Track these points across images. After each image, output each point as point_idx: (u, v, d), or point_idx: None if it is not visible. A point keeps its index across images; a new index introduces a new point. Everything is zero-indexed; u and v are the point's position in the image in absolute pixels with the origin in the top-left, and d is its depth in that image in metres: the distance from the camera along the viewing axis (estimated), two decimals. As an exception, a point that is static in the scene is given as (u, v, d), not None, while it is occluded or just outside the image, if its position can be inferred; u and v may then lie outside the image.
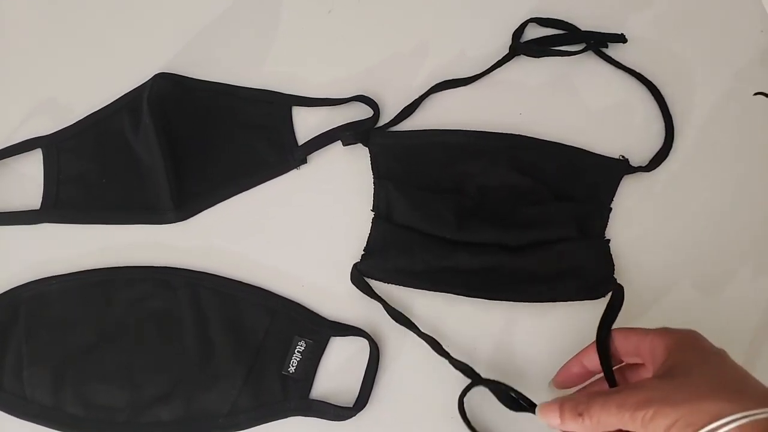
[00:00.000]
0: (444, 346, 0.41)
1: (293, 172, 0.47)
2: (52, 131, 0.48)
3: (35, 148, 0.48)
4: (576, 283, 0.42)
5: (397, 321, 0.42)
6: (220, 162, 0.47)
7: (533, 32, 0.50)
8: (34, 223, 0.46)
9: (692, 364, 0.31)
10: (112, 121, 0.48)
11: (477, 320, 0.43)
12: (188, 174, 0.46)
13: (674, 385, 0.31)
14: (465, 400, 0.40)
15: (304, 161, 0.47)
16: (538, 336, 0.43)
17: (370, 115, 0.48)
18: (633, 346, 0.36)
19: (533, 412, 0.36)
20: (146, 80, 0.49)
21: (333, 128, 0.47)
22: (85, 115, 0.48)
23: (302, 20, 0.51)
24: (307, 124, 0.48)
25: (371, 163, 0.46)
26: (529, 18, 0.50)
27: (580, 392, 0.37)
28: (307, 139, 0.47)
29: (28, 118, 0.49)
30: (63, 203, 0.46)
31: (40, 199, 0.46)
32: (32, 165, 0.47)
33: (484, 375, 0.40)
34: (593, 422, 0.32)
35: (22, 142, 0.48)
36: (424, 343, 0.41)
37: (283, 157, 0.47)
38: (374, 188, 0.45)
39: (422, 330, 0.41)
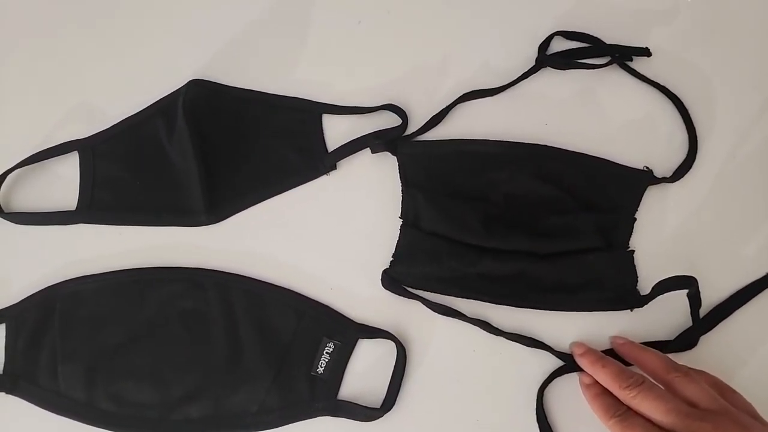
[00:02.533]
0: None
1: (323, 178, 0.48)
2: (87, 135, 0.50)
3: (71, 151, 0.49)
4: (600, 294, 0.43)
5: (439, 312, 0.43)
6: (251, 167, 0.48)
7: (558, 45, 0.51)
8: (70, 224, 0.47)
9: None
10: (146, 125, 0.50)
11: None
12: (220, 178, 0.47)
13: None
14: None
15: (333, 167, 0.48)
16: (561, 346, 0.43)
17: (398, 124, 0.49)
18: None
19: None
20: (179, 86, 0.50)
21: (362, 136, 0.48)
22: (120, 120, 0.50)
23: (332, 30, 0.53)
24: (336, 131, 0.49)
25: (399, 171, 0.47)
26: (554, 31, 0.51)
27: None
28: (336, 146, 0.49)
29: (64, 121, 0.50)
30: (98, 205, 0.48)
31: (76, 201, 0.48)
32: (69, 167, 0.49)
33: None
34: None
35: (59, 145, 0.49)
36: (450, 346, 0.42)
37: (313, 164, 0.48)
38: (402, 196, 0.46)
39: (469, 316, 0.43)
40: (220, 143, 0.48)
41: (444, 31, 0.52)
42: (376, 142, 0.47)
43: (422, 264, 0.44)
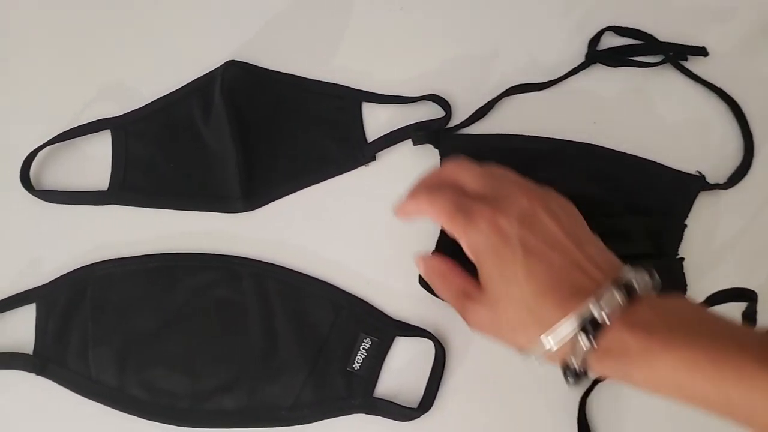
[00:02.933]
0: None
1: (361, 169, 0.47)
2: (119, 113, 0.48)
3: (104, 129, 0.48)
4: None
5: None
6: (289, 154, 0.47)
7: (609, 41, 0.50)
8: (102, 204, 0.46)
9: (496, 284, 0.30)
10: (181, 106, 0.48)
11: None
12: (258, 164, 0.46)
13: (492, 316, 0.31)
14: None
15: (373, 158, 0.47)
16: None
17: (441, 116, 0.47)
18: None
19: None
20: (215, 67, 0.49)
21: (404, 126, 0.47)
22: (153, 99, 0.49)
23: (373, 15, 0.51)
24: (376, 121, 0.48)
25: (441, 165, 0.46)
26: (606, 26, 0.49)
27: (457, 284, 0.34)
28: (375, 136, 0.47)
29: (97, 99, 0.49)
30: (130, 186, 0.46)
31: (108, 181, 0.47)
32: (101, 146, 0.47)
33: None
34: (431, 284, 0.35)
35: (92, 122, 0.48)
36: (490, 347, 0.41)
37: (352, 153, 0.47)
38: (444, 190, 0.45)
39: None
40: (258, 127, 0.47)
41: (491, 21, 0.51)
42: (418, 133, 0.46)
43: (462, 261, 0.43)
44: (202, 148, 0.47)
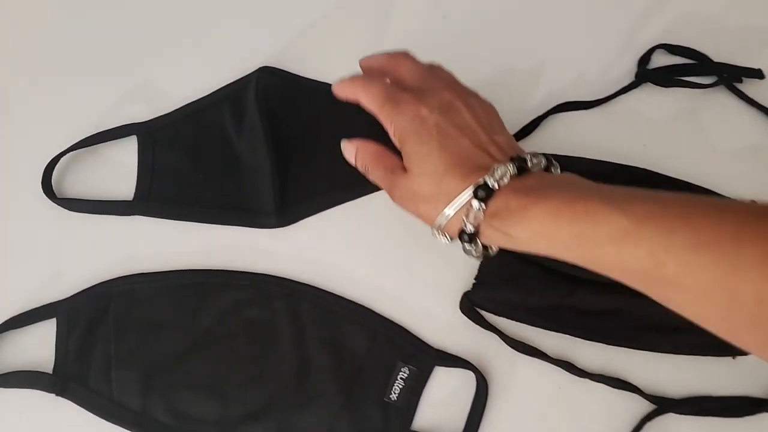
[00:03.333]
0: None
1: (400, 186, 0.45)
2: (145, 118, 0.46)
3: (130, 135, 0.45)
4: (701, 338, 0.39)
5: (518, 350, 0.40)
6: (325, 168, 0.44)
7: (660, 60, 0.48)
8: (126, 215, 0.44)
9: (414, 161, 0.34)
10: (212, 113, 0.46)
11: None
12: (293, 177, 0.44)
13: (410, 189, 0.34)
14: None
15: (413, 175, 0.45)
16: (653, 389, 0.40)
17: (485, 132, 0.45)
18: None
19: None
20: (246, 72, 0.46)
21: (446, 143, 0.45)
22: (182, 103, 0.46)
23: (415, 23, 0.49)
24: (416, 135, 0.46)
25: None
26: (657, 44, 0.47)
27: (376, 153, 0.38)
28: (416, 152, 0.45)
29: (122, 101, 0.47)
30: (156, 196, 0.44)
31: (133, 190, 0.44)
32: (126, 153, 0.45)
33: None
34: (371, 178, 0.38)
35: (117, 127, 0.45)
36: (534, 381, 0.40)
37: (391, 169, 0.45)
38: (488, 212, 0.43)
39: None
40: (293, 138, 0.45)
41: (537, 35, 0.49)
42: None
43: (508, 290, 0.41)
44: (233, 159, 0.45)
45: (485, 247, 0.34)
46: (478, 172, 0.32)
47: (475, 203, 0.31)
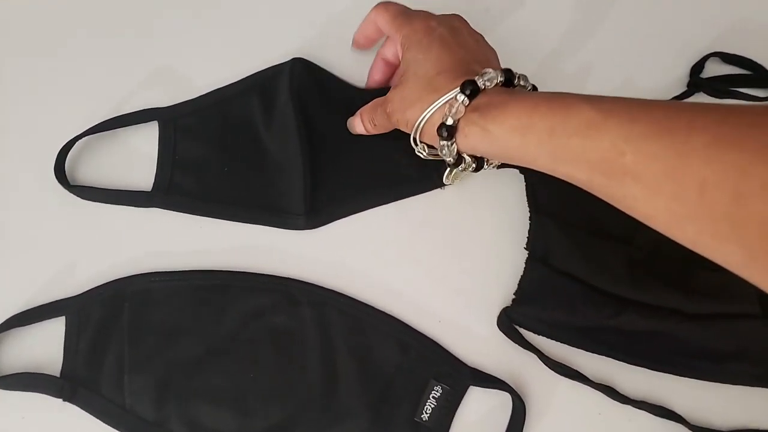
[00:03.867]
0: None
1: (437, 191, 0.42)
2: (166, 103, 0.43)
3: (151, 121, 0.42)
4: (750, 368, 0.37)
5: (558, 372, 0.38)
6: (358, 169, 0.42)
7: (713, 68, 0.45)
8: (144, 207, 0.41)
9: (410, 67, 0.36)
10: (239, 103, 0.43)
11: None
12: (325, 177, 0.41)
13: (401, 94, 0.36)
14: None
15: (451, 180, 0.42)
16: (698, 418, 0.38)
17: (527, 137, 0.43)
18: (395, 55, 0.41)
19: None
20: (275, 62, 0.43)
21: (487, 147, 0.42)
22: (207, 91, 0.43)
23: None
24: (455, 137, 0.43)
25: (527, 194, 0.41)
26: (711, 52, 0.45)
27: (374, 102, 0.40)
28: (454, 155, 0.42)
29: (144, 85, 0.44)
30: (177, 188, 0.41)
31: (152, 181, 0.41)
32: (146, 140, 0.42)
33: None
34: (379, 126, 0.40)
35: (138, 111, 0.42)
36: (574, 406, 0.37)
37: (427, 173, 0.42)
38: (530, 224, 0.40)
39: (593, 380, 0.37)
40: (327, 136, 0.42)
41: (583, 37, 0.46)
42: (503, 155, 0.42)
43: (550, 308, 0.38)
44: (261, 153, 0.42)
45: (459, 156, 0.35)
46: (468, 75, 0.34)
47: (460, 96, 0.33)
